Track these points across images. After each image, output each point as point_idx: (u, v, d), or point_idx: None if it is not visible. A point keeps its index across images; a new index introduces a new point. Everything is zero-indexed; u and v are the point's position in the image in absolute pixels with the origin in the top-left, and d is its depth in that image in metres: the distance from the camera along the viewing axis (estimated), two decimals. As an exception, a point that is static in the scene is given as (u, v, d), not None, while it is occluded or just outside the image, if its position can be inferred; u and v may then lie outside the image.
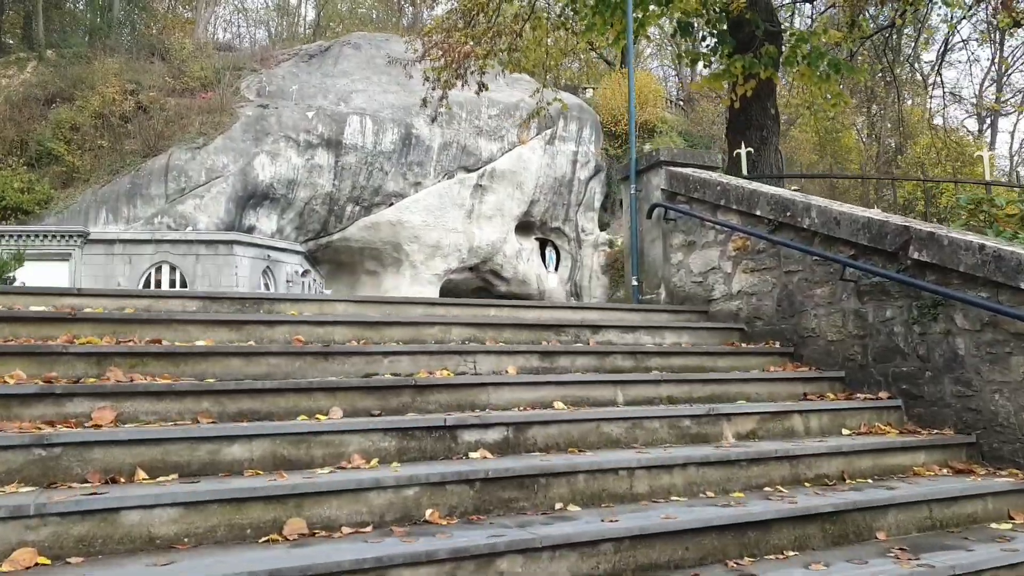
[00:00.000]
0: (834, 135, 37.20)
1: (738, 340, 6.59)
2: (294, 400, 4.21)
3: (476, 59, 11.88)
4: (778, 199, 6.40)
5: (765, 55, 11.93)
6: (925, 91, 39.59)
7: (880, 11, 17.54)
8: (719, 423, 4.79)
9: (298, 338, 5.09)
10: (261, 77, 30.29)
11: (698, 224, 7.24)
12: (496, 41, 11.83)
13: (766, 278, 6.58)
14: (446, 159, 30.62)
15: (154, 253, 23.80)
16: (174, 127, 27.19)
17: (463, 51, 11.67)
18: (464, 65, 11.95)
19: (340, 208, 29.55)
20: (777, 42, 12.50)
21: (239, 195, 27.01)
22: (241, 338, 4.98)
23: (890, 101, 37.50)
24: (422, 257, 30.77)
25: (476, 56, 11.78)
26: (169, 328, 4.84)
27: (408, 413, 4.42)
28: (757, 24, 12.10)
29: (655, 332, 6.30)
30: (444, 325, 5.59)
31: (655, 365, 5.71)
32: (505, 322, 5.86)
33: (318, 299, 5.73)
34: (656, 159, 7.71)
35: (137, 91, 27.67)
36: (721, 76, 12.33)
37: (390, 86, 30.95)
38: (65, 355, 4.19)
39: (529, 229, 33.77)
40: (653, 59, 46.39)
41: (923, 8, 16.03)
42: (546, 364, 5.37)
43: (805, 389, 5.68)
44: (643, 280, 7.79)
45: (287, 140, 27.90)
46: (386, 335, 5.38)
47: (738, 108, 12.54)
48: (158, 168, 26.23)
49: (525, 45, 12.41)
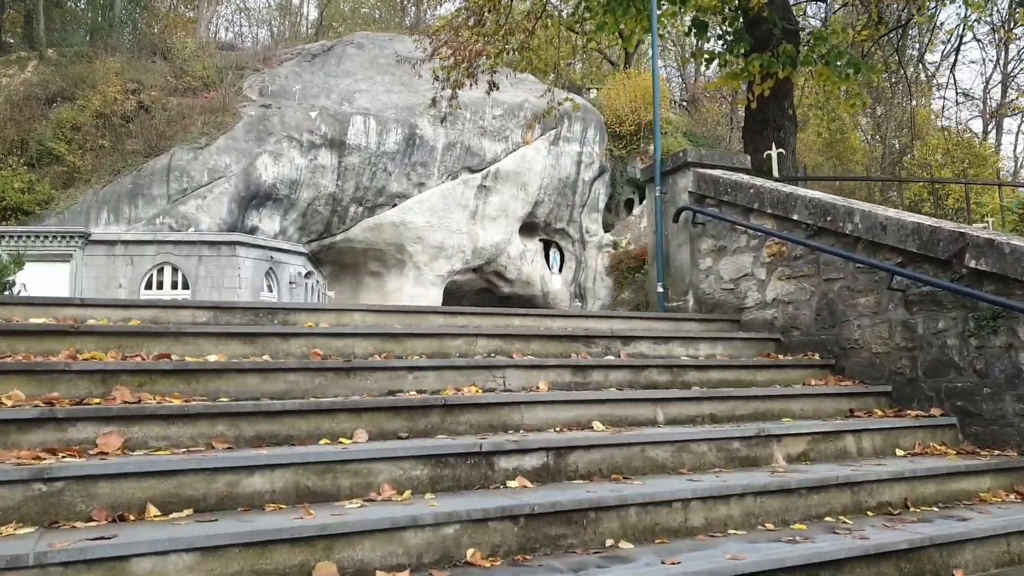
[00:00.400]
0: (840, 136, 36.90)
1: (774, 351, 6.25)
2: (316, 422, 3.87)
3: (488, 58, 11.53)
4: (818, 203, 6.06)
5: (783, 54, 11.59)
6: (930, 91, 39.30)
7: (889, 9, 17.21)
8: (769, 444, 4.45)
9: (316, 351, 4.74)
10: (263, 77, 29.93)
11: (729, 228, 6.90)
12: (508, 40, 11.48)
13: (804, 286, 6.24)
14: (450, 160, 30.26)
15: (156, 254, 23.44)
16: (176, 127, 26.83)
17: (474, 50, 11.32)
18: (475, 64, 11.60)
19: (343, 209, 29.19)
20: (794, 41, 12.17)
21: (241, 196, 26.65)
22: (255, 352, 4.64)
23: (896, 101, 37.20)
24: (426, 258, 30.42)
25: (488, 55, 11.44)
26: (179, 342, 4.50)
27: (437, 435, 4.08)
28: (774, 22, 11.77)
29: (688, 343, 5.96)
30: (468, 337, 5.24)
31: (693, 380, 5.37)
32: (531, 333, 5.52)
33: (335, 308, 5.38)
34: (683, 160, 7.37)
35: (139, 90, 27.31)
36: (738, 75, 12.00)
37: (394, 86, 30.60)
38: (67, 373, 3.85)
39: (533, 230, 33.43)
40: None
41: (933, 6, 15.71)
42: (579, 379, 5.03)
43: (851, 405, 5.34)
44: (669, 286, 7.44)
45: (290, 140, 27.54)
46: (408, 348, 5.04)
47: (755, 108, 12.20)
48: (160, 168, 25.88)
49: (537, 44, 12.06)
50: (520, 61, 11.65)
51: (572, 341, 5.56)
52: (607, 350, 5.64)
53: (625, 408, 4.64)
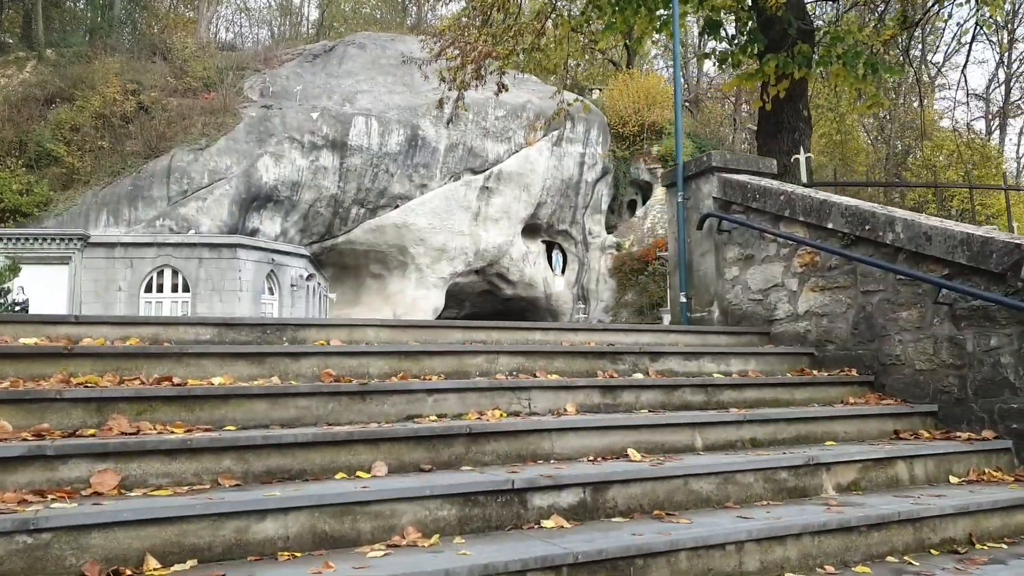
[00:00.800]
0: (842, 137, 36.53)
1: (808, 366, 5.91)
2: (331, 454, 3.53)
3: (497, 59, 11.19)
4: (855, 211, 5.72)
5: (799, 54, 11.25)
6: (932, 92, 38.95)
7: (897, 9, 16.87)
8: (818, 474, 4.11)
9: (328, 372, 4.40)
10: (264, 77, 29.59)
11: (757, 237, 6.56)
12: (518, 40, 11.14)
13: (839, 298, 5.90)
14: (452, 161, 29.93)
15: (156, 256, 23.10)
16: (176, 128, 26.49)
17: (483, 51, 10.98)
18: (483, 65, 11.26)
19: (345, 210, 28.85)
20: (809, 41, 11.83)
21: (242, 197, 26.31)
22: (263, 373, 4.30)
23: (899, 102, 36.87)
24: (428, 260, 30.08)
25: (497, 56, 11.09)
26: (181, 363, 4.15)
27: (462, 466, 3.74)
28: (789, 22, 11.44)
29: (719, 359, 5.61)
30: (489, 354, 4.90)
31: (729, 400, 5.03)
32: (554, 349, 5.18)
33: (346, 324, 5.03)
34: (707, 165, 7.04)
35: (138, 91, 26.96)
36: (753, 76, 11.64)
37: (396, 87, 30.26)
38: (59, 401, 3.50)
39: (535, 232, 33.10)
40: (658, 60, 45.74)
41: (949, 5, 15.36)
42: (608, 400, 4.69)
43: (896, 426, 5.00)
44: (692, 296, 7.11)
45: (291, 141, 27.20)
46: (426, 366, 4.70)
47: (769, 110, 11.86)
48: (160, 170, 25.53)
49: (546, 44, 11.72)
50: (529, 62, 11.30)
51: (597, 358, 5.22)
52: (634, 367, 5.30)
53: (661, 434, 4.29)
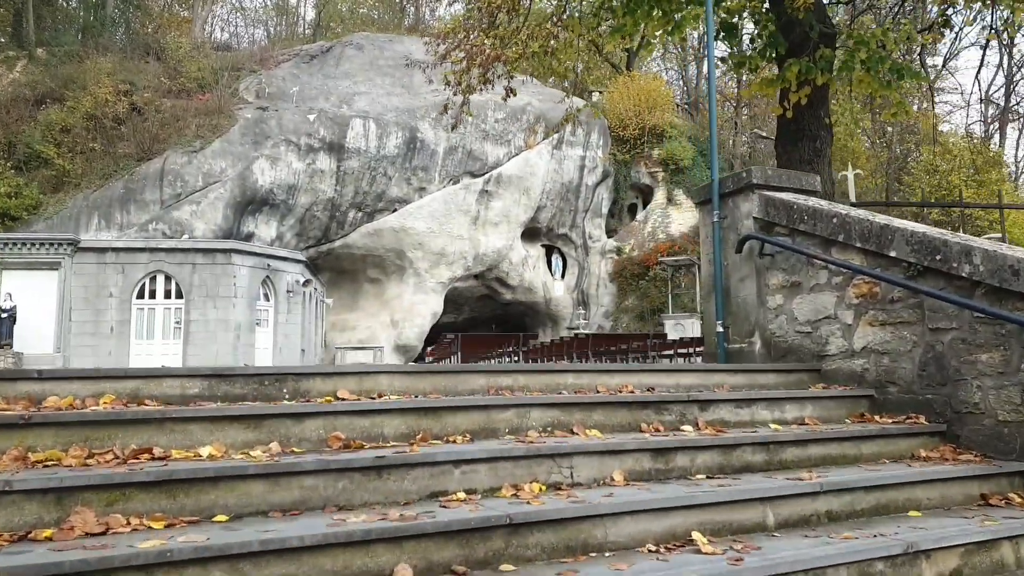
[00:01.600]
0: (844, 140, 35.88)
1: (868, 411, 5.26)
2: (344, 558, 2.85)
3: (506, 63, 10.52)
4: (923, 239, 5.07)
5: (821, 59, 10.61)
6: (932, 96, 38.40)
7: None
8: (917, 563, 3.45)
9: (336, 435, 3.73)
10: (260, 78, 28.86)
11: (805, 262, 5.90)
12: (528, 44, 10.48)
13: (903, 334, 5.24)
14: (451, 164, 29.26)
15: (148, 262, 22.37)
16: (170, 130, 25.77)
17: (491, 55, 10.32)
18: (491, 68, 10.59)
19: (342, 214, 28.16)
20: (831, 45, 11.19)
21: (237, 201, 25.60)
22: (261, 438, 3.62)
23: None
24: (426, 265, 29.40)
25: (507, 60, 10.43)
26: (163, 429, 3.47)
27: (502, 564, 3.07)
28: (811, 25, 10.80)
29: (773, 405, 4.96)
30: (519, 408, 4.24)
31: (792, 459, 4.38)
32: (591, 400, 4.51)
33: (356, 372, 4.36)
34: (747, 181, 6.37)
35: (131, 92, 26.22)
36: (774, 81, 10.99)
37: (394, 88, 29.57)
38: (9, 494, 2.82)
39: (535, 236, 32.46)
40: (656, 62, 45.10)
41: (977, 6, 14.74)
42: (660, 465, 4.02)
43: (983, 489, 4.35)
44: (730, 325, 6.45)
45: (287, 144, 26.49)
46: (449, 425, 4.03)
47: (790, 117, 11.21)
48: (153, 172, 24.80)
49: (556, 47, 11.06)
50: (539, 67, 10.65)
51: (640, 408, 4.56)
52: (682, 417, 4.64)
53: (727, 511, 3.63)
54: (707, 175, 33.81)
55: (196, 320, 22.25)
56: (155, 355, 22.08)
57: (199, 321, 22.27)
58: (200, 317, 22.28)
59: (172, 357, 22.06)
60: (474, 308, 33.62)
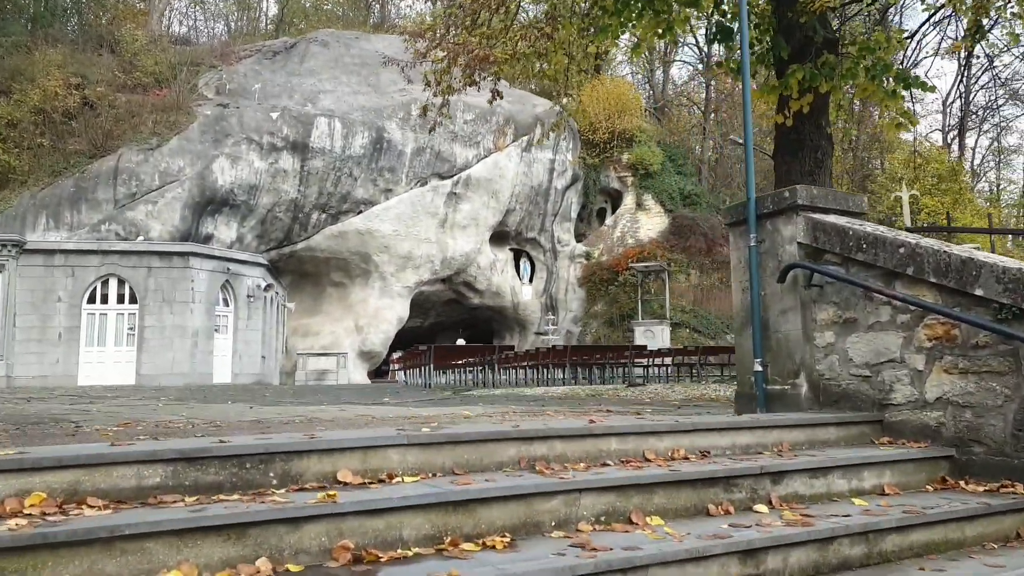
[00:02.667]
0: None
1: (949, 474, 4.47)
2: None
3: (495, 64, 9.60)
4: (1018, 276, 4.30)
5: (824, 66, 9.91)
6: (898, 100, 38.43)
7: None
8: None
9: (343, 545, 2.80)
10: (221, 74, 27.47)
11: (861, 296, 5.11)
12: (518, 45, 9.57)
13: (991, 386, 4.47)
14: (419, 165, 28.20)
15: (100, 265, 20.96)
16: (124, 126, 24.30)
17: (478, 54, 9.40)
18: (478, 69, 9.68)
19: (305, 215, 26.92)
20: (834, 51, 10.51)
21: (196, 201, 24.24)
22: (246, 554, 2.67)
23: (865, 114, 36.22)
24: (392, 268, 28.31)
25: (495, 60, 9.51)
26: (110, 551, 2.50)
27: None
28: (815, 29, 10.11)
29: (849, 473, 4.14)
30: (567, 495, 3.34)
31: (892, 549, 3.55)
32: (649, 480, 3.60)
33: (358, 446, 3.41)
34: (790, 202, 5.56)
35: (83, 85, 24.67)
36: (775, 88, 10.25)
37: (361, 87, 28.41)
38: None
39: (503, 239, 31.57)
40: (623, 66, 44.49)
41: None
42: (751, 571, 3.16)
43: (1116, 583, 3.58)
44: (770, 363, 5.64)
45: (249, 142, 25.19)
46: (482, 521, 3.12)
47: (790, 126, 10.48)
48: (106, 170, 23.33)
49: (549, 48, 10.18)
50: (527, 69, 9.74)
51: (705, 486, 3.70)
52: (753, 494, 3.79)
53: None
54: (675, 181, 33.30)
55: (151, 326, 20.90)
56: (107, 363, 20.69)
57: (154, 327, 20.93)
58: (156, 323, 20.94)
59: (125, 365, 20.70)
60: (440, 312, 32.60)
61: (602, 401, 10.08)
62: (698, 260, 30.42)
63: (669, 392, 12.63)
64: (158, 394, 12.62)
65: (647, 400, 10.55)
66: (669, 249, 30.16)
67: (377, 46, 30.58)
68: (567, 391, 12.51)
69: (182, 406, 8.44)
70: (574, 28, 11.09)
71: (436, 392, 13.60)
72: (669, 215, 31.78)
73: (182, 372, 20.80)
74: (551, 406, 8.45)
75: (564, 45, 10.63)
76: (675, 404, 9.09)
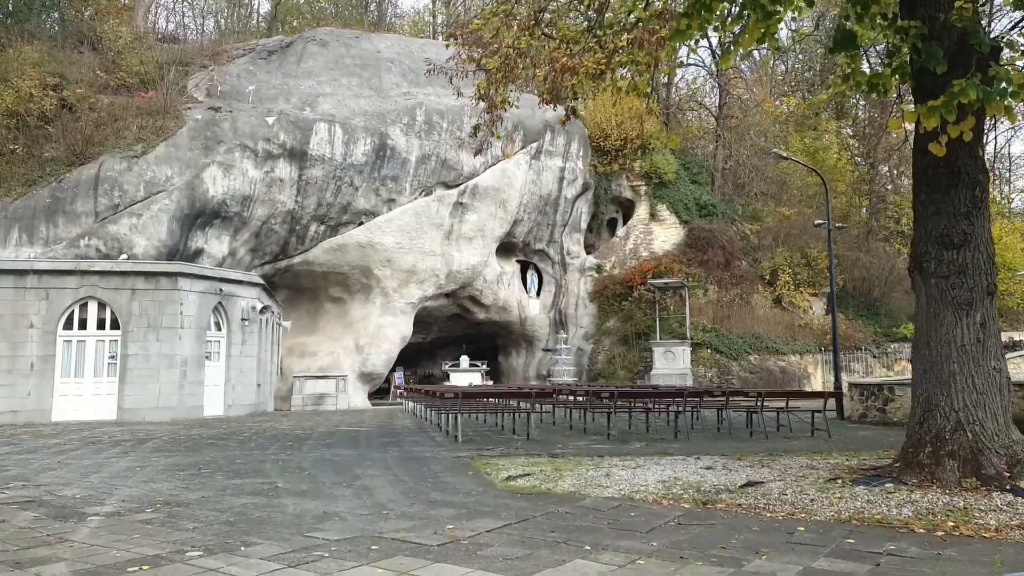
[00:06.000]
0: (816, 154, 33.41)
1: None
2: None
3: (577, 74, 7.21)
4: None
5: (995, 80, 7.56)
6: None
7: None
8: None
9: None
10: (212, 75, 24.79)
11: None
12: (624, 50, 7.18)
13: None
14: (424, 173, 25.69)
15: (79, 287, 18.32)
16: (107, 131, 21.63)
17: (564, 63, 7.04)
18: (561, 83, 7.31)
19: (303, 228, 24.35)
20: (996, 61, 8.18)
21: (185, 213, 21.61)
22: None
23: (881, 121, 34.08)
24: (395, 283, 25.79)
25: (587, 71, 7.14)
26: None
27: None
28: (977, 37, 7.80)
29: None
30: None
31: None
32: None
33: None
34: None
35: (61, 86, 21.98)
36: (935, 108, 7.87)
37: (362, 90, 25.84)
38: None
39: (510, 251, 29.14)
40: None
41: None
42: None
43: None
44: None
45: (243, 149, 22.57)
46: None
47: (940, 156, 8.12)
48: (86, 180, 20.65)
49: (637, 56, 7.80)
50: (614, 82, 7.37)
51: None
52: None
53: None
54: (691, 190, 30.93)
55: (135, 355, 18.30)
56: (85, 396, 18.09)
57: (139, 356, 18.33)
58: (140, 351, 18.34)
59: (105, 398, 18.11)
60: (443, 328, 30.13)
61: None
62: (716, 275, 28.15)
63: (811, 472, 8.54)
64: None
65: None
66: (686, 263, 27.88)
67: (379, 46, 28.02)
68: (682, 487, 7.55)
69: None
70: (675, 27, 8.65)
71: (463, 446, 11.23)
72: (685, 226, 29.48)
73: (169, 406, 18.25)
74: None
75: (652, 51, 8.24)
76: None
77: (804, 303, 29.39)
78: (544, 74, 7.49)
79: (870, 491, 7.53)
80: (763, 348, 26.18)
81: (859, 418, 17.78)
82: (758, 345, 26.19)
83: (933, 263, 8.45)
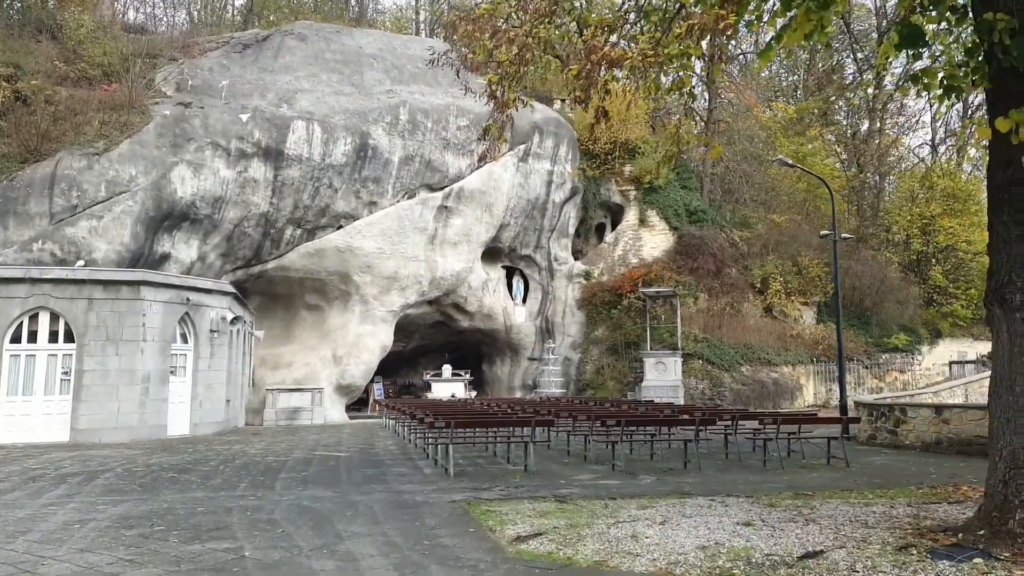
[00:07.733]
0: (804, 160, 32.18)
1: None
2: None
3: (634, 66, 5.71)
4: None
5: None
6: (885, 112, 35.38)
7: None
8: None
9: None
10: (182, 68, 22.91)
11: None
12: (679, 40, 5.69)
13: None
14: (407, 175, 24.03)
15: (28, 296, 16.45)
16: (65, 126, 19.70)
17: (603, 54, 5.56)
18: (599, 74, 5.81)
19: (278, 231, 22.59)
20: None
21: (150, 215, 19.77)
22: None
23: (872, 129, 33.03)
24: (375, 290, 24.11)
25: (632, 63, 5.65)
26: None
27: None
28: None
29: None
30: None
31: None
32: None
33: None
34: None
35: (15, 77, 20.00)
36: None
37: (343, 87, 24.09)
38: None
39: (495, 256, 27.57)
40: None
41: None
42: None
43: None
44: None
45: (214, 148, 20.77)
46: None
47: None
48: (41, 178, 18.74)
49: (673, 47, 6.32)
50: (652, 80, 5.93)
51: None
52: None
53: None
54: (681, 196, 29.55)
55: (92, 370, 16.48)
56: (34, 416, 16.25)
57: (96, 372, 16.51)
58: (97, 367, 16.52)
59: (57, 418, 16.29)
60: (425, 336, 28.49)
61: None
62: (707, 283, 26.81)
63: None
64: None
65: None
66: (676, 270, 26.52)
67: (361, 42, 26.29)
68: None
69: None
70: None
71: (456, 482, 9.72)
72: (674, 233, 28.12)
73: (129, 425, 16.47)
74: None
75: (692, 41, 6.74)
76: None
77: (795, 312, 28.19)
78: (579, 67, 5.99)
79: (958, 569, 6.11)
80: (755, 359, 24.92)
81: (867, 439, 16.56)
82: (750, 356, 24.92)
83: (1019, 295, 7.07)
